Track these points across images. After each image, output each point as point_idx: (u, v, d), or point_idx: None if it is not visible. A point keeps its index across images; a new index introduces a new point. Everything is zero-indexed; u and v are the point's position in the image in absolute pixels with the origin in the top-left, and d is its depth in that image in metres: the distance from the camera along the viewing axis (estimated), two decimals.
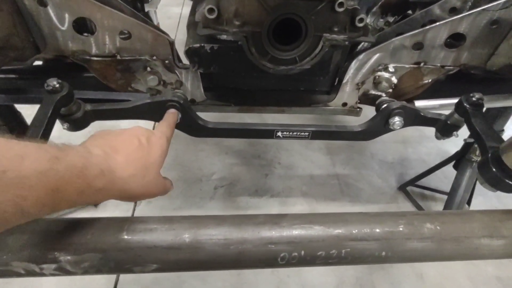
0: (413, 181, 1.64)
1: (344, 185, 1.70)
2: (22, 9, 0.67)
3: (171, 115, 0.73)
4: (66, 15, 0.70)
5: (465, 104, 0.76)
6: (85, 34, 0.76)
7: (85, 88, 0.86)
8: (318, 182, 1.71)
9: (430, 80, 0.91)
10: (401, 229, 0.52)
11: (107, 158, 0.45)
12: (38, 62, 0.90)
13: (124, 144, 0.51)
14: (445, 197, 1.45)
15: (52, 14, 0.69)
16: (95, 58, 0.78)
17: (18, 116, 1.14)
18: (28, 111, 1.18)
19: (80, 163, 0.40)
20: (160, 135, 0.59)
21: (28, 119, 1.21)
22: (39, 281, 1.23)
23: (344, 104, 0.97)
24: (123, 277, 1.26)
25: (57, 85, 0.65)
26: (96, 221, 0.47)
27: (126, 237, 0.45)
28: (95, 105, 0.74)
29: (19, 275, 0.44)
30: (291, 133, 0.88)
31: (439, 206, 1.60)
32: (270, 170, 1.76)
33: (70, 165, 0.38)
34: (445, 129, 0.84)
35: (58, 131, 0.74)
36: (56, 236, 0.43)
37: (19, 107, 1.17)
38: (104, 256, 0.45)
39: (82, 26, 0.76)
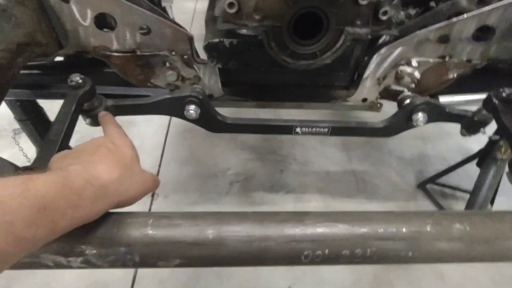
0: (433, 179, 1.60)
1: (360, 182, 1.68)
2: (46, 5, 0.68)
3: (107, 116, 0.68)
4: (88, 11, 0.70)
5: (494, 100, 0.73)
6: (105, 29, 0.77)
7: (106, 83, 0.87)
8: (334, 178, 1.69)
9: (455, 75, 0.88)
10: (428, 229, 0.50)
11: (86, 169, 0.43)
12: (59, 58, 0.92)
13: (94, 155, 0.49)
14: (466, 195, 1.40)
15: (74, 10, 0.69)
16: (115, 54, 0.79)
17: (40, 110, 1.17)
18: (47, 106, 1.21)
19: (59, 177, 0.38)
20: (119, 135, 0.57)
21: (48, 113, 1.24)
22: (61, 271, 1.26)
23: (364, 100, 0.95)
24: (141, 269, 1.28)
25: (80, 81, 0.66)
26: (121, 216, 0.47)
27: (150, 232, 0.46)
28: (116, 101, 0.75)
29: (48, 267, 0.45)
30: (310, 129, 0.87)
31: (460, 205, 1.56)
32: (285, 166, 1.75)
33: (49, 181, 0.37)
34: (471, 126, 0.81)
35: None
36: (83, 230, 0.43)
37: (40, 101, 1.20)
38: (129, 250, 0.45)
39: (102, 21, 0.77)
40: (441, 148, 1.90)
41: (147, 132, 1.91)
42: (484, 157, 1.28)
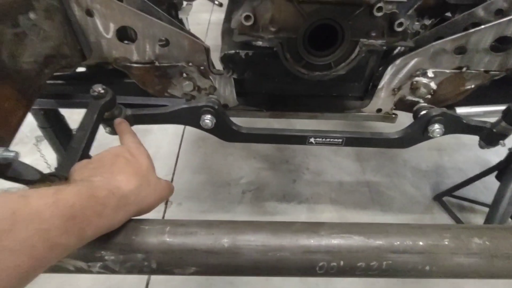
0: (450, 191, 1.56)
1: (374, 193, 1.65)
2: (72, 19, 0.71)
3: (123, 124, 0.70)
4: (111, 24, 0.73)
5: None
6: (126, 42, 0.79)
7: (125, 93, 0.90)
8: (348, 189, 1.67)
9: (473, 86, 0.87)
10: (446, 242, 0.49)
11: (107, 180, 0.46)
12: (81, 69, 0.96)
13: (113, 165, 0.51)
14: (485, 209, 1.36)
15: (98, 23, 0.73)
16: (135, 65, 0.82)
17: (61, 119, 1.21)
18: (66, 114, 1.26)
19: (85, 188, 0.41)
20: (135, 145, 0.60)
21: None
22: (76, 277, 1.29)
23: (379, 110, 0.95)
24: (154, 276, 1.29)
25: (102, 91, 0.68)
26: (139, 223, 0.48)
27: (167, 239, 0.47)
28: (135, 110, 0.77)
29: (69, 271, 0.46)
30: (324, 140, 0.87)
31: (479, 219, 1.51)
32: (298, 176, 1.74)
33: (77, 192, 0.39)
34: (490, 137, 0.79)
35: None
36: (103, 236, 0.44)
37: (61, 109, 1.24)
38: (147, 257, 0.46)
39: (123, 34, 0.80)
40: (458, 159, 1.86)
41: (162, 140, 1.94)
42: (504, 170, 1.24)
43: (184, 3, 1.49)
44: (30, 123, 1.23)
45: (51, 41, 0.65)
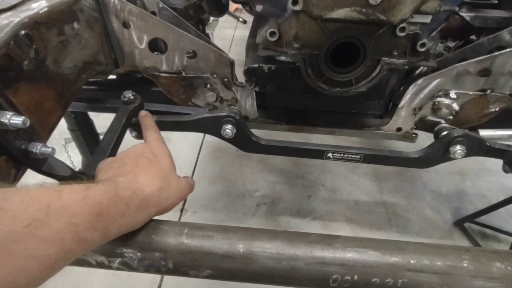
0: (472, 217, 1.50)
1: (392, 214, 1.61)
2: (109, 30, 0.76)
3: (148, 118, 0.71)
4: (144, 36, 0.78)
5: None
6: (156, 52, 0.84)
7: (152, 101, 0.94)
8: (364, 208, 1.64)
9: (497, 109, 0.85)
10: (465, 265, 0.48)
11: (131, 181, 0.48)
12: (112, 76, 1.01)
13: (136, 166, 0.53)
14: (510, 239, 1.30)
15: (133, 34, 0.78)
16: (163, 74, 0.86)
17: (90, 123, 1.27)
18: (94, 119, 1.32)
19: (111, 188, 0.43)
20: (157, 144, 0.61)
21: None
22: (90, 278, 1.32)
23: (399, 129, 0.95)
24: (165, 282, 1.30)
25: (132, 97, 0.72)
26: (159, 223, 0.50)
27: (185, 240, 0.48)
28: (160, 117, 0.81)
29: (90, 265, 0.48)
30: (342, 155, 0.87)
31: (503, 248, 1.44)
32: (313, 192, 1.73)
33: (104, 190, 0.41)
34: None
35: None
36: (124, 233, 0.46)
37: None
38: (164, 257, 0.48)
39: (154, 45, 0.85)
40: (481, 185, 1.79)
41: (181, 150, 1.99)
42: None
43: (211, 19, 1.56)
44: (59, 126, 1.29)
45: (90, 49, 0.70)
